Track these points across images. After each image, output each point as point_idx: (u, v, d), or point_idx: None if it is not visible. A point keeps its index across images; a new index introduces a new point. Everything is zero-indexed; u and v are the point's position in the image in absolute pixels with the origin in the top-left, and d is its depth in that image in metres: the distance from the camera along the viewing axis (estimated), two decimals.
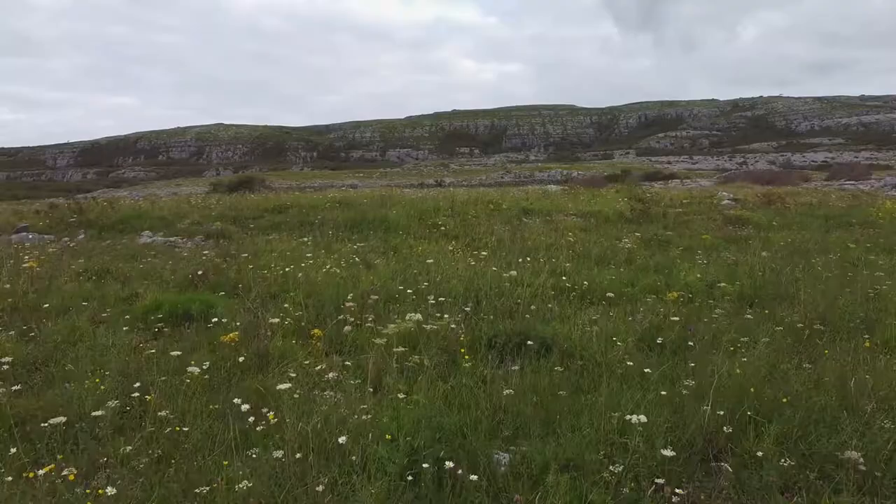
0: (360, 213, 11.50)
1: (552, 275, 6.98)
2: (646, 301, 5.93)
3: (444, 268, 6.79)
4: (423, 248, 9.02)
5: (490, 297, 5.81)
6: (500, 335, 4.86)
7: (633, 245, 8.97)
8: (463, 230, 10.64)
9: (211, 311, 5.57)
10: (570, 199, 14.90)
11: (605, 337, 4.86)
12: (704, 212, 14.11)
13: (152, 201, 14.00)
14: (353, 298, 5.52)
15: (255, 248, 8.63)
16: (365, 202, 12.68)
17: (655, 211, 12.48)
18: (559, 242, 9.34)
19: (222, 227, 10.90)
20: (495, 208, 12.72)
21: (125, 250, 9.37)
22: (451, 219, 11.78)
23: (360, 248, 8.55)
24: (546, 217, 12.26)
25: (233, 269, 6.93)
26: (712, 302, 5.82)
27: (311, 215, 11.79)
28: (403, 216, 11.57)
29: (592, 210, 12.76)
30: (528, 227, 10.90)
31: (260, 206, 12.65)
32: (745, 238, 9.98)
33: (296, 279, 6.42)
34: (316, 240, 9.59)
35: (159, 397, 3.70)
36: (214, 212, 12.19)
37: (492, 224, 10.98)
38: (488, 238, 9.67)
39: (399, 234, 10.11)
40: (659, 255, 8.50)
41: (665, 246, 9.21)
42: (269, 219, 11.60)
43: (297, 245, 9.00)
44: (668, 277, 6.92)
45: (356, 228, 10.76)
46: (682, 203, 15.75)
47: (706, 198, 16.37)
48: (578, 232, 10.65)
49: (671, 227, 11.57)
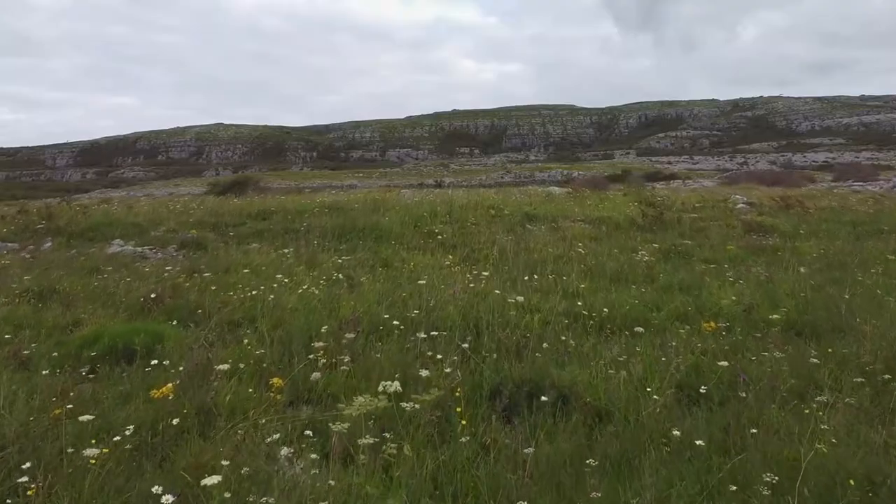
0: (350, 220, 10.57)
1: (564, 296, 6.06)
2: (677, 332, 5.00)
3: (439, 289, 5.86)
4: (418, 260, 8.11)
5: (493, 326, 4.88)
6: (505, 383, 3.93)
7: (652, 258, 8.04)
8: (462, 239, 9.72)
9: (157, 346, 4.64)
10: (575, 204, 13.97)
11: (636, 383, 3.94)
12: (720, 217, 13.19)
13: (130, 205, 13.08)
14: (328, 331, 4.59)
15: (229, 262, 7.70)
16: (356, 207, 11.75)
17: (669, 217, 11.55)
18: (568, 254, 8.41)
19: (199, 235, 9.98)
20: (497, 214, 11.80)
21: (88, 262, 8.44)
22: (448, 226, 10.85)
23: (345, 262, 7.62)
24: (552, 223, 11.33)
25: (195, 289, 6.00)
26: (758, 335, 4.88)
27: (297, 222, 10.85)
28: (397, 223, 10.65)
29: (601, 216, 11.83)
30: (532, 236, 9.98)
31: (243, 212, 11.72)
32: (772, 248, 9.05)
33: (265, 303, 5.49)
34: (298, 251, 8.66)
35: (53, 484, 2.77)
36: (193, 218, 11.27)
37: (493, 232, 10.06)
38: (489, 249, 8.74)
39: (391, 244, 9.18)
40: (681, 269, 7.57)
41: (686, 259, 8.28)
42: (252, 226, 10.67)
43: (276, 258, 8.07)
44: (697, 299, 5.98)
45: (345, 237, 9.84)
46: (694, 207, 14.83)
47: (719, 201, 15.44)
48: (588, 241, 9.73)
49: (688, 234, 10.65)
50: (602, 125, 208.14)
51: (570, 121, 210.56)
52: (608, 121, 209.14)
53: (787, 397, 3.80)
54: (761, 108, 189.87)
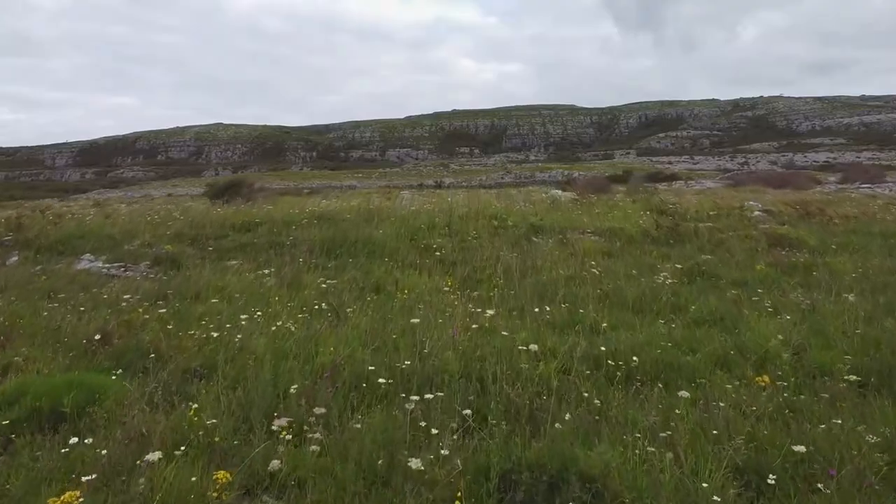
0: (341, 233, 9.72)
1: (581, 332, 5.22)
2: (722, 386, 4.16)
3: (436, 324, 5.02)
4: (413, 282, 7.26)
5: (500, 380, 4.04)
6: (519, 469, 3.09)
7: (674, 280, 7.20)
8: (462, 255, 8.88)
9: (92, 406, 3.80)
10: (583, 212, 13.13)
11: (684, 467, 3.11)
12: (738, 227, 12.35)
13: (107, 214, 12.23)
14: (297, 390, 3.75)
15: (201, 285, 6.85)
16: (348, 217, 10.90)
17: (685, 228, 10.70)
18: (581, 274, 7.57)
19: (175, 250, 9.13)
20: (500, 225, 10.95)
21: (49, 282, 7.60)
22: (448, 239, 10.01)
23: (331, 286, 6.77)
24: (559, 236, 10.49)
25: (153, 325, 5.15)
26: (825, 396, 4.03)
27: (284, 234, 10.01)
28: (392, 236, 9.80)
29: (612, 227, 10.98)
30: (539, 251, 9.14)
31: (227, 223, 10.87)
32: (804, 266, 8.21)
33: (230, 346, 4.65)
34: (280, 271, 7.81)
35: None
36: (172, 230, 10.41)
37: (496, 248, 9.21)
38: (493, 268, 7.90)
39: (384, 262, 8.34)
40: (709, 294, 6.72)
41: (712, 280, 7.43)
42: (234, 238, 9.83)
43: (254, 279, 7.22)
44: (737, 338, 5.14)
45: (334, 252, 8.99)
46: (708, 215, 13.99)
47: (734, 209, 14.60)
48: (601, 258, 8.88)
49: (707, 249, 9.81)
50: (602, 125, 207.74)
51: (570, 121, 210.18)
52: (608, 121, 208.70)
53: (881, 490, 2.97)
54: (762, 108, 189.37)
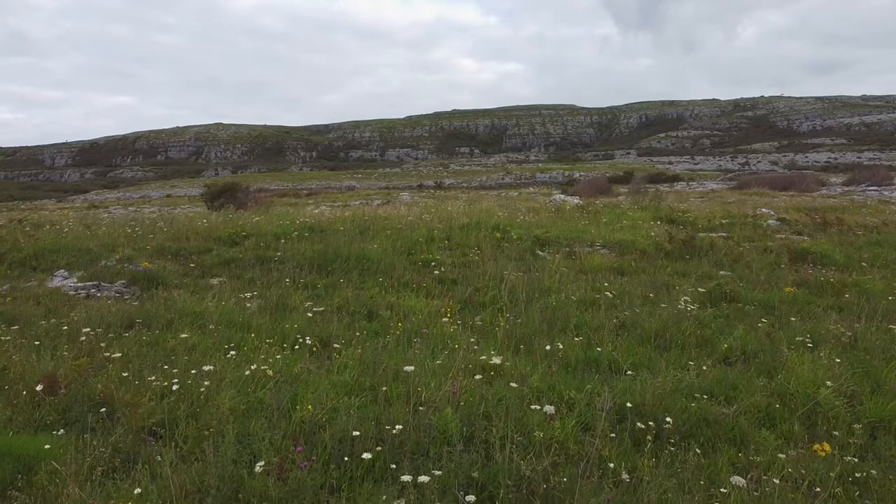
0: (333, 247, 9.07)
1: (599, 373, 4.57)
2: (772, 453, 3.53)
3: (433, 373, 4.37)
4: (409, 306, 6.62)
5: (509, 446, 3.40)
6: None
7: (696, 306, 6.54)
8: (463, 272, 8.23)
9: (21, 480, 3.16)
10: (589, 221, 12.48)
11: None
12: (754, 237, 11.71)
13: (87, 225, 11.57)
14: (265, 468, 3.10)
15: (176, 311, 6.20)
16: (341, 230, 10.25)
17: (700, 241, 10.06)
18: (593, 297, 6.92)
19: (154, 267, 8.48)
20: (503, 237, 10.30)
21: (12, 306, 6.96)
22: (447, 253, 9.37)
23: (318, 315, 6.11)
24: (566, 249, 9.85)
25: (110, 367, 4.50)
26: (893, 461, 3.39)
27: (272, 249, 9.35)
28: (388, 250, 9.15)
29: (622, 239, 10.33)
30: (546, 267, 8.49)
31: (213, 234, 10.21)
32: (834, 287, 7.56)
33: (195, 396, 4.01)
34: (265, 292, 7.17)
35: None
36: (155, 242, 9.75)
37: (500, 264, 8.56)
38: (496, 288, 7.25)
39: (379, 280, 7.69)
40: (737, 323, 6.08)
41: (737, 305, 6.78)
42: (219, 253, 9.17)
43: (235, 304, 6.56)
44: (778, 383, 4.49)
45: (325, 269, 8.34)
46: (721, 224, 13.36)
47: (747, 217, 13.96)
48: (613, 276, 8.24)
49: (726, 264, 9.17)
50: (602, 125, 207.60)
51: (570, 121, 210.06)
52: (608, 121, 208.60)
53: None
54: (762, 108, 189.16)
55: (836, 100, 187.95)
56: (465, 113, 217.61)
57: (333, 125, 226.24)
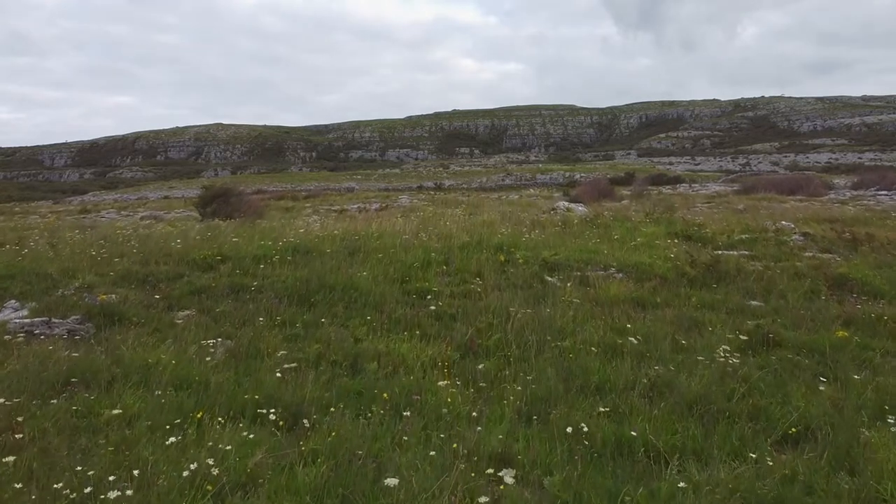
0: (319, 274, 8.10)
1: (635, 465, 3.62)
2: None
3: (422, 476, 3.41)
4: (402, 351, 5.66)
5: None
6: None
7: (736, 354, 5.58)
8: (462, 305, 7.26)
9: None
10: (600, 238, 11.51)
11: None
12: (780, 256, 10.75)
13: (53, 245, 10.60)
14: None
15: (122, 365, 5.24)
16: (328, 252, 9.28)
17: (726, 265, 9.09)
18: (613, 340, 5.96)
19: (115, 298, 7.51)
20: (507, 260, 9.34)
21: None
22: (446, 280, 8.40)
23: (290, 372, 5.14)
24: (578, 273, 8.88)
25: (6, 469, 3.54)
26: None
27: (250, 275, 8.38)
28: (380, 276, 8.19)
29: (639, 262, 9.36)
30: (556, 297, 7.53)
31: (186, 257, 9.24)
32: (886, 324, 6.60)
33: None
34: (235, 333, 6.21)
35: None
36: (121, 266, 8.78)
37: (504, 294, 7.60)
38: (501, 329, 6.29)
39: (367, 318, 6.72)
40: (788, 376, 5.12)
41: (783, 354, 5.81)
42: (190, 281, 8.20)
43: (197, 353, 5.59)
44: (866, 486, 3.54)
45: (308, 301, 7.37)
46: (741, 240, 12.39)
47: (768, 232, 13.00)
48: (633, 309, 7.28)
49: (756, 292, 8.21)
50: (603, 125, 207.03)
51: (570, 121, 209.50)
52: (609, 121, 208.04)
53: None
54: (763, 109, 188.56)
55: (836, 100, 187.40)
56: (466, 113, 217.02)
57: (333, 125, 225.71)
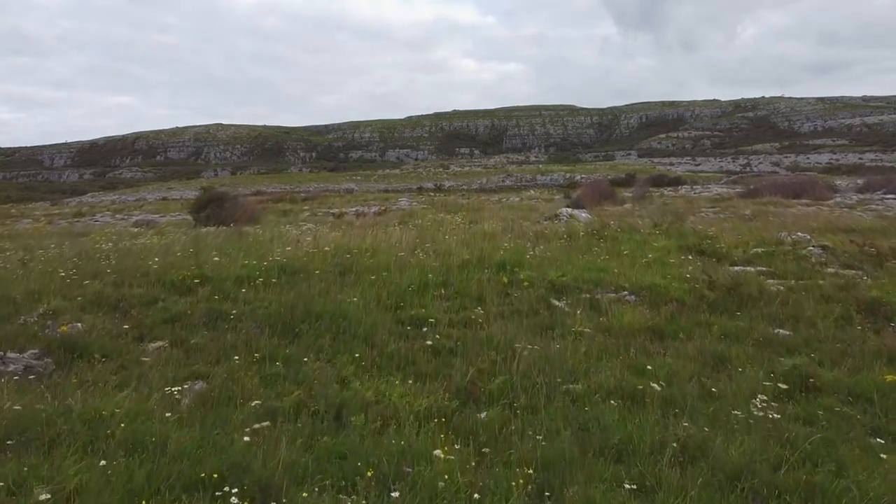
0: (305, 300, 7.41)
1: None
2: None
3: None
4: (393, 397, 4.98)
5: None
6: None
7: (777, 407, 4.89)
8: (462, 336, 6.57)
9: None
10: (609, 254, 10.82)
11: None
12: (802, 274, 10.07)
13: (24, 262, 9.91)
14: None
15: (69, 419, 4.55)
16: (317, 273, 8.58)
17: (748, 286, 8.41)
18: (633, 385, 5.28)
19: (80, 328, 6.83)
20: (510, 280, 8.65)
21: None
22: (444, 305, 7.71)
23: (263, 431, 4.45)
24: (587, 296, 8.20)
25: None
26: None
27: (231, 299, 7.68)
28: (371, 303, 7.49)
29: (652, 283, 8.66)
30: (567, 327, 6.85)
31: (164, 278, 8.54)
32: None
33: None
34: (209, 371, 5.52)
35: None
36: (91, 289, 8.09)
37: (508, 323, 6.92)
38: (505, 371, 5.60)
39: (355, 356, 6.03)
40: (835, 435, 4.45)
41: (826, 401, 5.14)
42: (166, 306, 7.51)
43: (158, 403, 4.90)
44: None
45: (292, 331, 6.68)
46: (757, 255, 11.71)
47: (786, 245, 12.32)
48: (650, 340, 6.59)
49: (783, 319, 7.52)
50: (603, 125, 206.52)
51: (570, 121, 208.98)
52: (609, 121, 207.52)
53: None
54: (763, 109, 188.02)
55: (837, 100, 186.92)
56: (466, 113, 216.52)
57: (333, 125, 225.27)
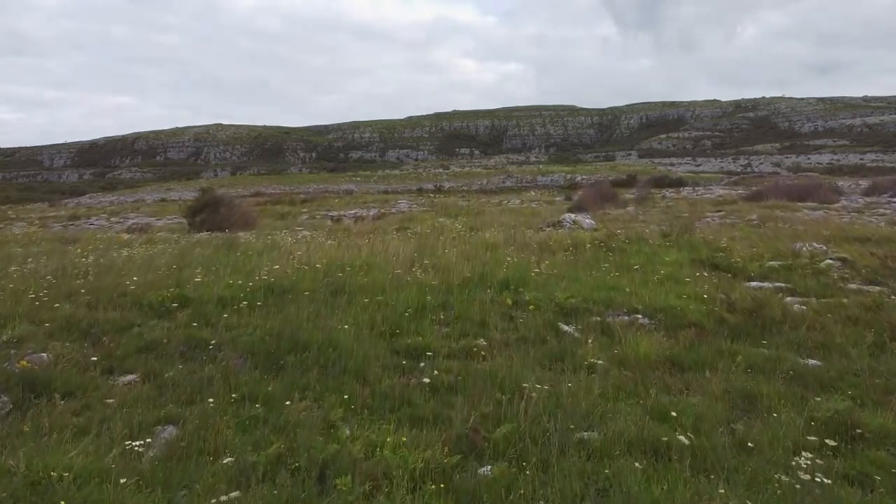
0: (293, 325, 6.80)
1: None
2: None
3: None
4: (385, 452, 4.39)
5: None
6: None
7: (822, 466, 4.30)
8: (463, 369, 5.96)
9: None
10: (619, 270, 10.22)
11: None
12: (823, 291, 9.48)
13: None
14: None
15: (6, 492, 3.96)
16: (307, 294, 7.98)
17: (771, 309, 7.80)
18: (656, 435, 4.68)
19: (45, 360, 6.23)
20: (515, 301, 8.05)
21: None
22: (444, 332, 7.11)
23: (240, 498, 3.86)
24: (597, 319, 7.59)
25: None
26: None
27: (211, 324, 7.08)
28: (364, 329, 6.89)
29: (667, 305, 8.05)
30: (577, 359, 6.26)
31: (142, 299, 7.92)
32: None
33: None
34: (181, 415, 4.93)
35: None
36: (62, 313, 7.48)
37: (514, 354, 6.32)
38: (512, 419, 5.00)
39: (344, 397, 5.43)
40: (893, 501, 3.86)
41: (875, 454, 4.55)
42: (141, 332, 6.91)
43: (115, 460, 4.30)
44: None
45: (276, 364, 6.09)
46: (773, 269, 11.11)
47: (803, 258, 11.73)
48: (669, 372, 6.00)
49: (811, 347, 6.93)
50: (603, 126, 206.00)
51: (570, 121, 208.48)
52: (609, 121, 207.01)
53: None
54: (763, 109, 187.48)
55: (837, 101, 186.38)
56: (466, 113, 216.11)
57: (333, 126, 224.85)
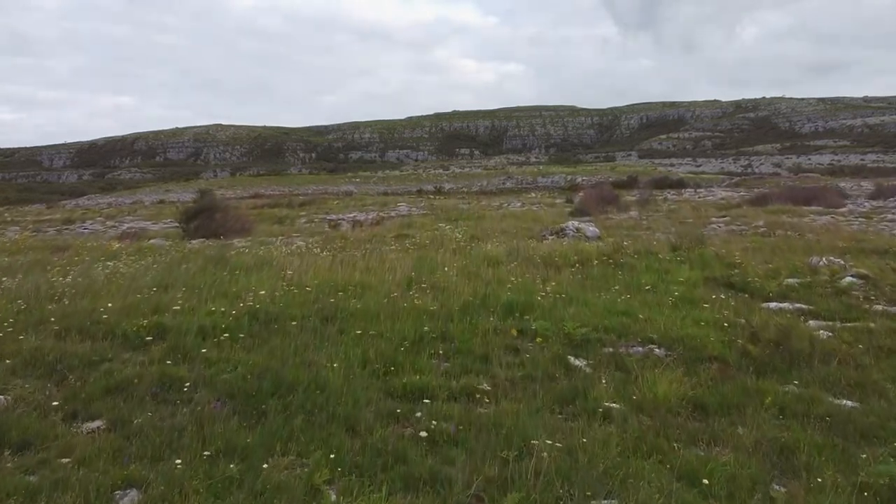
0: (279, 361, 6.21)
1: None
2: None
3: None
4: None
5: None
6: None
7: None
8: (465, 421, 5.36)
9: None
10: (630, 289, 9.63)
11: None
12: (847, 314, 8.89)
13: None
14: None
15: None
16: (294, 325, 7.37)
17: (798, 342, 7.20)
18: (679, 498, 4.09)
19: (5, 401, 5.64)
20: (521, 331, 7.45)
21: None
22: (443, 367, 6.51)
23: None
24: (609, 350, 7.00)
25: None
26: None
27: (189, 359, 6.47)
28: (356, 366, 6.29)
29: (684, 335, 7.45)
30: (590, 404, 5.67)
31: (117, 327, 7.33)
32: None
33: None
34: (145, 480, 4.33)
35: None
36: (29, 344, 6.88)
37: (519, 393, 5.73)
38: (519, 481, 4.41)
39: (330, 454, 4.83)
40: None
41: None
42: (111, 368, 6.30)
43: None
44: None
45: (257, 409, 5.50)
46: (791, 287, 10.51)
47: (821, 275, 11.14)
48: (693, 418, 5.42)
49: (844, 385, 6.34)
50: (603, 126, 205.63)
51: (570, 122, 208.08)
52: (609, 122, 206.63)
53: None
54: (764, 110, 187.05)
55: (837, 101, 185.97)
56: (466, 114, 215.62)
57: (333, 126, 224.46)
